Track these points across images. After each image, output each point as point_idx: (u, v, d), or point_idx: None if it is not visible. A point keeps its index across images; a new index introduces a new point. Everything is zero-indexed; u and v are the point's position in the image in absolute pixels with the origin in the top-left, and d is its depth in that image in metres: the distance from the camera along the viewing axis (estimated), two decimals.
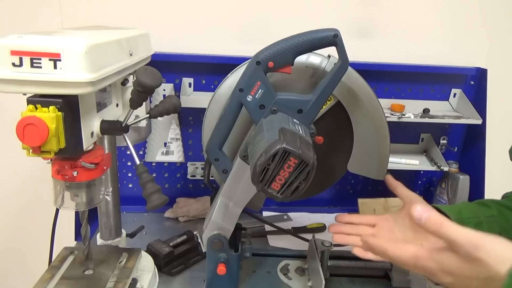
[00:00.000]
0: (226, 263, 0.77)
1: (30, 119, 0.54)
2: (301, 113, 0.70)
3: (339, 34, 0.67)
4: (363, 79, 0.80)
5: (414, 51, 1.21)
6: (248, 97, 0.69)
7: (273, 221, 1.10)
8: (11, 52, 0.52)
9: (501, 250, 0.47)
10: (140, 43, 0.81)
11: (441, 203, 1.19)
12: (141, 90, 0.65)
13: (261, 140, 0.61)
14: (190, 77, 1.12)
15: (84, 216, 0.73)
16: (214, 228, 0.76)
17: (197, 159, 1.20)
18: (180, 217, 1.15)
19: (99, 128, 0.66)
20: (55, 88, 0.54)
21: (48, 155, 0.57)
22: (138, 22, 1.08)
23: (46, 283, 0.70)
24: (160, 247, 0.91)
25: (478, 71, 1.18)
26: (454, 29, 1.20)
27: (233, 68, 0.84)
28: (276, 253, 0.94)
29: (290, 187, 0.59)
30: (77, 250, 0.80)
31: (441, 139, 1.24)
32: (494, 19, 1.21)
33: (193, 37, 1.15)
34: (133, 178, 1.21)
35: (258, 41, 1.16)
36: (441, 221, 0.50)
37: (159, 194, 0.66)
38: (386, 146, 0.83)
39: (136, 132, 0.91)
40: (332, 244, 0.81)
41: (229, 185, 0.74)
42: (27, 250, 1.32)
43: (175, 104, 0.74)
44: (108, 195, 0.82)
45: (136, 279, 0.79)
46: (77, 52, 0.53)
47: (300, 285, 0.83)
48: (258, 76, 0.68)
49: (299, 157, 0.57)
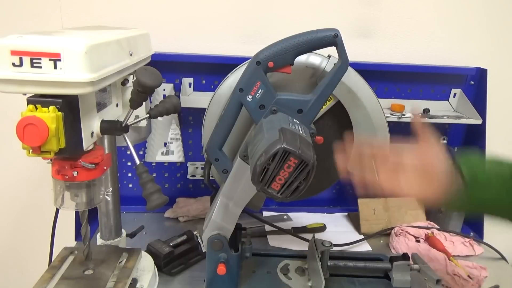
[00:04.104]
0: (226, 263, 0.77)
1: (30, 119, 0.54)
2: (301, 113, 0.70)
3: (339, 34, 0.67)
4: (363, 79, 0.81)
5: (414, 51, 1.21)
6: (248, 97, 0.69)
7: (273, 221, 1.10)
8: (11, 52, 0.52)
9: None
10: (140, 43, 0.81)
11: None
12: (141, 90, 0.65)
13: (261, 140, 0.61)
14: (190, 77, 1.12)
15: (84, 216, 0.73)
16: (214, 228, 0.76)
17: (197, 159, 1.20)
18: (180, 217, 1.15)
19: (99, 128, 0.66)
20: (55, 88, 0.54)
21: (48, 155, 0.57)
22: (138, 22, 1.08)
23: (46, 283, 0.70)
24: (160, 247, 0.91)
25: (478, 71, 1.18)
26: (454, 29, 1.20)
27: (233, 68, 0.84)
28: (276, 253, 0.94)
29: (290, 187, 0.59)
30: (77, 250, 0.80)
31: (441, 139, 1.24)
32: (494, 19, 1.21)
33: (193, 37, 1.15)
34: (133, 178, 1.21)
35: (258, 41, 1.16)
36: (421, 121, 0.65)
37: (159, 194, 0.66)
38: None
39: (136, 132, 0.91)
40: (332, 244, 0.81)
41: (229, 185, 0.74)
42: (27, 250, 1.32)
43: (175, 104, 0.74)
44: (108, 195, 0.82)
45: (136, 279, 0.79)
46: (77, 52, 0.53)
47: (300, 285, 0.83)
48: (258, 76, 0.68)
49: (299, 157, 0.57)
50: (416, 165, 0.66)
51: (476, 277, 0.93)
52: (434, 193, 0.63)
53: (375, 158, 0.68)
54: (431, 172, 0.64)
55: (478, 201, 0.63)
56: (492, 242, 1.09)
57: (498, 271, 0.99)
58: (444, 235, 1.08)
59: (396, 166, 0.66)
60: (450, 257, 0.98)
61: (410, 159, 0.66)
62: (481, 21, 1.21)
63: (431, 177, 0.64)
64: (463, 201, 0.64)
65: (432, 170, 0.64)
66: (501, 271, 1.00)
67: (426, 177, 0.64)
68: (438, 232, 1.07)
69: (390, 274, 0.84)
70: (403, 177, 0.65)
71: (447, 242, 1.06)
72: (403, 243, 1.03)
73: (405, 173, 0.65)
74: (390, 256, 0.86)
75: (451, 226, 1.15)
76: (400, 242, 1.04)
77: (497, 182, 0.62)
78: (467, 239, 1.07)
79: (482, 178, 0.63)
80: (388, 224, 1.13)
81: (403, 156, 0.66)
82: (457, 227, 1.16)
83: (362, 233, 1.12)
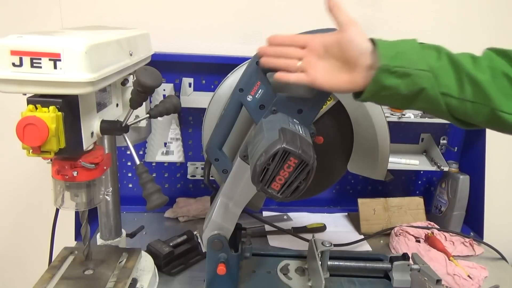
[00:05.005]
0: (226, 263, 0.77)
1: (30, 119, 0.54)
2: (301, 113, 0.70)
3: None
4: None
5: None
6: (248, 97, 0.69)
7: (273, 221, 1.10)
8: (11, 52, 0.52)
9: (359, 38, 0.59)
10: (140, 43, 0.81)
11: (441, 203, 1.19)
12: (141, 90, 0.65)
13: (261, 140, 0.61)
14: (190, 77, 1.12)
15: (84, 216, 0.73)
16: (214, 228, 0.76)
17: (197, 159, 1.20)
18: (180, 217, 1.15)
19: (99, 128, 0.66)
20: (55, 88, 0.54)
21: (48, 155, 0.57)
22: (138, 22, 1.08)
23: (46, 283, 0.70)
24: (160, 247, 0.91)
25: None
26: (454, 29, 1.20)
27: (233, 68, 0.84)
28: (276, 253, 0.94)
29: (290, 187, 0.59)
30: (77, 250, 0.80)
31: (441, 139, 1.24)
32: (494, 19, 1.21)
33: (193, 37, 1.15)
34: (133, 178, 1.21)
35: (258, 41, 1.16)
36: (339, 6, 0.61)
37: (159, 194, 0.66)
38: (386, 146, 0.84)
39: (136, 132, 0.91)
40: (332, 244, 0.81)
41: (229, 185, 0.74)
42: (27, 250, 1.32)
43: (175, 104, 0.74)
44: (108, 195, 0.82)
45: (136, 279, 0.79)
46: (77, 52, 0.53)
47: (300, 285, 0.83)
48: (258, 76, 0.68)
49: (299, 157, 0.57)
50: (336, 50, 0.61)
51: (476, 277, 0.93)
52: (354, 79, 0.60)
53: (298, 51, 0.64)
54: (350, 55, 0.59)
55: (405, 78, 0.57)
56: (492, 242, 1.09)
57: (498, 271, 0.99)
58: (444, 235, 1.08)
59: (315, 55, 0.62)
60: (450, 257, 0.98)
61: (329, 44, 0.61)
62: (481, 21, 1.20)
63: (350, 60, 0.59)
64: (377, 88, 0.58)
65: (350, 53, 0.59)
66: (501, 271, 1.00)
67: (346, 61, 0.60)
68: (438, 232, 1.07)
69: (390, 274, 0.84)
70: (321, 65, 0.62)
71: (447, 242, 1.06)
72: (403, 243, 1.03)
73: (325, 61, 0.62)
74: (390, 256, 0.86)
75: (451, 226, 1.15)
76: (400, 242, 1.04)
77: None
78: (467, 239, 1.07)
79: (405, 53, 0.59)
80: (388, 224, 1.13)
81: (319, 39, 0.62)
82: (457, 227, 1.16)
83: (362, 233, 1.12)
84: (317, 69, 0.62)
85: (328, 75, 0.62)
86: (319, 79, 0.62)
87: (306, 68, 0.62)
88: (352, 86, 0.61)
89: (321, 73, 0.62)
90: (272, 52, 0.66)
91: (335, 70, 0.61)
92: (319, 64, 0.62)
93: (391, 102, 0.62)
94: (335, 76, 0.61)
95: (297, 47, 0.65)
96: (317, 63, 0.62)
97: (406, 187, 1.30)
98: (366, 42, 0.60)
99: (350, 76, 0.60)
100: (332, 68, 0.61)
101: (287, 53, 0.65)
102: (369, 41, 0.60)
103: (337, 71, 0.61)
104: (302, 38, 0.65)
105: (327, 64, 0.62)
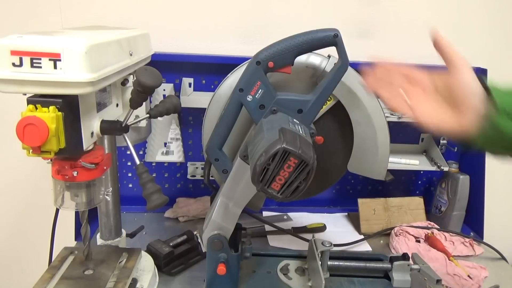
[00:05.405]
0: (226, 263, 0.77)
1: (30, 119, 0.54)
2: (301, 113, 0.70)
3: (339, 34, 0.67)
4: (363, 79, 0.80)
5: (414, 51, 1.20)
6: (248, 97, 0.69)
7: (273, 221, 1.10)
8: (11, 52, 0.52)
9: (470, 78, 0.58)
10: (140, 43, 0.81)
11: (441, 203, 1.19)
12: (141, 90, 0.65)
13: (261, 140, 0.61)
14: (190, 77, 1.12)
15: (84, 216, 0.73)
16: (214, 228, 0.76)
17: (197, 159, 1.20)
18: (180, 217, 1.15)
19: (99, 128, 0.66)
20: (55, 88, 0.54)
21: (48, 155, 0.57)
22: (138, 22, 1.08)
23: (46, 283, 0.70)
24: (160, 247, 0.91)
25: (478, 71, 1.17)
26: (454, 29, 1.20)
27: (233, 68, 0.84)
28: (276, 253, 0.94)
29: (290, 187, 0.59)
30: (77, 250, 0.80)
31: (441, 139, 1.24)
32: (494, 19, 1.21)
33: (193, 37, 1.15)
34: (133, 178, 1.21)
35: (258, 41, 1.16)
36: (448, 43, 0.62)
37: (159, 194, 0.66)
38: (386, 146, 0.84)
39: (136, 132, 0.91)
40: (332, 244, 0.81)
41: (229, 185, 0.74)
42: (27, 250, 1.32)
43: (175, 104, 0.74)
44: (108, 195, 0.82)
45: (136, 279, 0.79)
46: (77, 52, 0.53)
47: (300, 285, 0.83)
48: (258, 76, 0.68)
49: (299, 157, 0.57)
50: (444, 89, 0.60)
51: (476, 277, 0.93)
52: (463, 122, 0.57)
53: (404, 82, 0.63)
54: (460, 97, 0.58)
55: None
56: (492, 242, 1.09)
57: (498, 271, 0.99)
58: (444, 235, 1.08)
59: (422, 90, 0.61)
60: (450, 257, 0.98)
61: (437, 82, 0.61)
62: (481, 21, 1.20)
63: (460, 102, 0.58)
64: (494, 134, 0.56)
65: (461, 95, 0.58)
66: (501, 271, 1.00)
67: (454, 102, 0.58)
68: (438, 232, 1.07)
69: (390, 274, 0.84)
70: (428, 103, 0.60)
71: (447, 242, 1.06)
72: (403, 243, 1.03)
73: (431, 98, 0.60)
74: (390, 256, 0.86)
75: (451, 226, 1.15)
76: (400, 242, 1.04)
77: None
78: (467, 239, 1.07)
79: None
80: (388, 224, 1.13)
81: (428, 79, 0.61)
82: (457, 227, 1.16)
83: (362, 233, 1.12)
84: (425, 107, 0.60)
85: (435, 114, 0.60)
86: (426, 118, 0.60)
87: (413, 106, 0.61)
88: (459, 129, 0.58)
89: (428, 112, 0.60)
90: (378, 74, 0.66)
91: (441, 111, 0.60)
92: (427, 103, 0.61)
93: (504, 149, 0.59)
94: (441, 117, 0.60)
95: (400, 75, 0.65)
96: (424, 101, 0.61)
97: (406, 187, 1.30)
98: (479, 85, 0.58)
99: (457, 118, 0.58)
100: (439, 108, 0.60)
101: (393, 81, 0.64)
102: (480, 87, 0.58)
103: (443, 112, 0.60)
104: (407, 69, 0.65)
105: (434, 103, 0.61)
